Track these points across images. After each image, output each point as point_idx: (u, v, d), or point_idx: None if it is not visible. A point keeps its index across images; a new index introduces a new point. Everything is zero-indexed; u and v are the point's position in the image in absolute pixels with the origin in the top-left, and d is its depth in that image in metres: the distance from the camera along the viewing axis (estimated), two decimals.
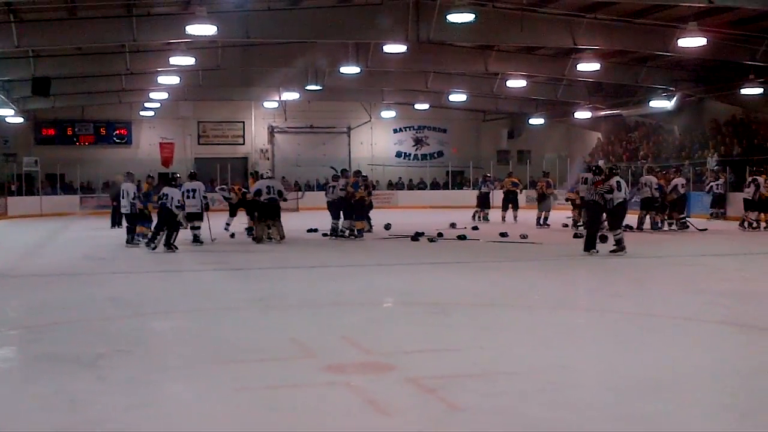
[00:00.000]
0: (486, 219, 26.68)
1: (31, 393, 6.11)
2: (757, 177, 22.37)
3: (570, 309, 10.09)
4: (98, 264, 15.70)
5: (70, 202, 36.51)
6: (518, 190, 27.24)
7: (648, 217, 22.00)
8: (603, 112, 36.58)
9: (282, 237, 19.14)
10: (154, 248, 17.32)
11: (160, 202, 17.43)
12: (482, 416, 5.37)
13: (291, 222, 21.00)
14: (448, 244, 18.70)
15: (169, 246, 17.29)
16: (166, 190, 17.68)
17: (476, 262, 15.27)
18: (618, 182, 15.65)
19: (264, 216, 19.05)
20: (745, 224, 22.23)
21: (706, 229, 22.00)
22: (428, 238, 19.36)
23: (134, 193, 18.76)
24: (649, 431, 5.12)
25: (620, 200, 15.60)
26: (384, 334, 8.41)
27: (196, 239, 18.72)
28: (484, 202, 27.47)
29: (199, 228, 18.81)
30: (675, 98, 31.47)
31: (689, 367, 6.77)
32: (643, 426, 5.21)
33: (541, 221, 23.97)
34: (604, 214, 16.15)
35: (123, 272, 14.26)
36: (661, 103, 31.81)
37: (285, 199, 19.67)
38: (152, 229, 18.25)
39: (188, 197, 18.29)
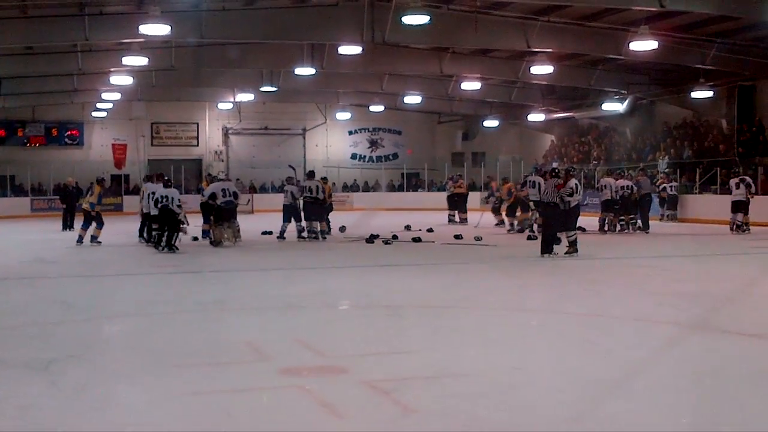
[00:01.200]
0: (465, 221, 26.56)
1: None
2: (746, 177, 22.17)
3: (523, 311, 10.18)
4: (49, 267, 15.51)
5: (20, 205, 35.97)
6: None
7: (606, 219, 22.22)
8: (556, 115, 37.00)
9: (238, 239, 19.06)
10: (163, 249, 17.37)
11: (160, 204, 17.45)
12: (435, 418, 5.41)
13: (245, 224, 20.88)
14: (403, 246, 18.75)
15: (171, 247, 17.36)
16: (165, 191, 17.77)
17: (431, 264, 15.33)
18: (576, 184, 15.84)
19: (221, 219, 18.94)
20: (734, 227, 21.55)
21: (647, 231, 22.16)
22: (383, 241, 19.39)
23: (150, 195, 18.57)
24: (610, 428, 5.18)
25: (576, 202, 15.84)
26: (338, 336, 8.43)
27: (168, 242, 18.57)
28: (454, 204, 27.45)
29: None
30: (627, 101, 31.96)
31: (642, 368, 6.85)
32: (596, 426, 5.27)
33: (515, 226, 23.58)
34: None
35: (75, 275, 14.10)
36: (613, 106, 32.25)
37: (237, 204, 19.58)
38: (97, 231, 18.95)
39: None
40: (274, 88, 33.09)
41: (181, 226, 17.87)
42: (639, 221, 22.46)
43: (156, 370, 6.86)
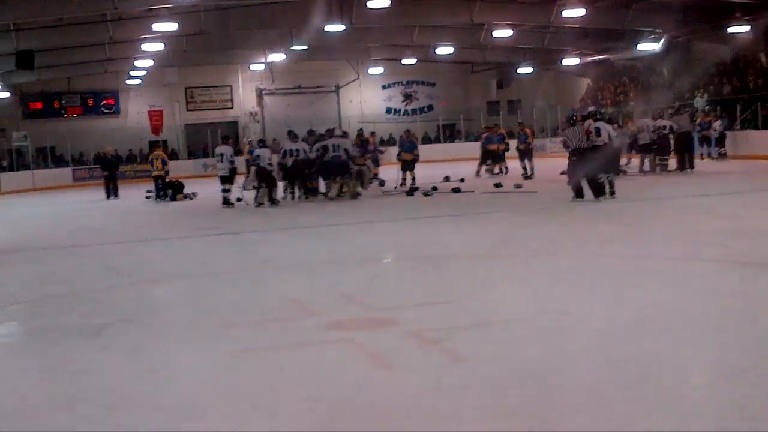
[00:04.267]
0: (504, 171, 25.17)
1: (37, 365, 6.15)
2: None
3: (567, 256, 10.12)
4: (95, 234, 15.72)
5: (62, 175, 36.45)
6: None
7: (647, 160, 21.97)
8: (591, 58, 36.49)
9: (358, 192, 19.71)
10: (259, 205, 18.59)
11: (254, 163, 18.86)
12: (484, 364, 5.42)
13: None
14: (443, 197, 18.73)
15: (273, 201, 18.69)
16: (257, 151, 19.09)
17: (471, 215, 15.30)
18: (598, 128, 15.56)
19: (329, 174, 19.46)
20: None
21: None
22: (423, 193, 19.38)
23: (230, 156, 19.71)
24: (648, 373, 5.17)
25: (603, 143, 15.54)
26: (383, 289, 8.47)
27: (226, 201, 19.38)
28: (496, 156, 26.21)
29: (229, 191, 19.47)
30: (662, 40, 31.37)
31: (687, 307, 6.81)
32: (644, 367, 5.26)
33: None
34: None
35: (119, 242, 14.28)
36: (648, 46, 31.71)
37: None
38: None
39: (219, 161, 19.77)
40: (304, 47, 32.96)
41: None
42: (674, 161, 22.14)
43: (205, 330, 6.95)
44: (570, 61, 36.73)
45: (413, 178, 21.54)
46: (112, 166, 25.22)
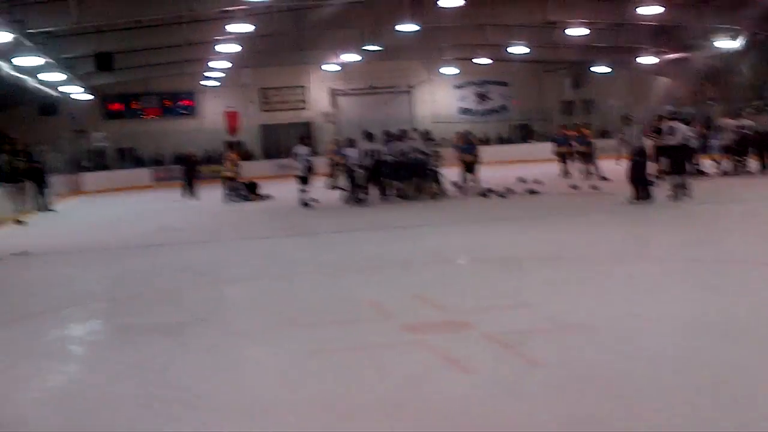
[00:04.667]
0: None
1: (120, 361, 6.30)
2: None
3: (642, 258, 9.99)
4: (173, 235, 16.00)
5: (141, 175, 37.17)
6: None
7: (727, 161, 21.49)
8: (668, 56, 35.78)
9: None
10: (351, 203, 18.99)
11: (344, 162, 19.34)
12: (560, 370, 5.38)
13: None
14: (518, 199, 18.60)
15: (359, 200, 19.03)
16: (345, 151, 19.43)
17: (547, 216, 15.16)
18: (669, 127, 15.55)
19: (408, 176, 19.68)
20: None
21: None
22: (497, 194, 19.28)
23: (306, 156, 19.94)
24: (725, 378, 5.06)
25: (675, 143, 15.49)
26: (458, 291, 8.45)
27: (303, 202, 19.62)
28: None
29: (305, 191, 19.74)
30: (742, 38, 30.62)
31: (765, 312, 6.66)
32: (722, 374, 5.15)
33: None
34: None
35: (198, 242, 14.52)
36: (727, 44, 30.99)
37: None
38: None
39: (296, 161, 20.00)
40: (377, 47, 33.05)
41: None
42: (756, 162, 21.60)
43: (281, 330, 7.04)
44: (646, 60, 36.11)
45: (473, 181, 21.45)
46: (192, 167, 25.51)
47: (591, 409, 4.67)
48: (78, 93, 34.18)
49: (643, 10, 26.15)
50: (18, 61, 23.05)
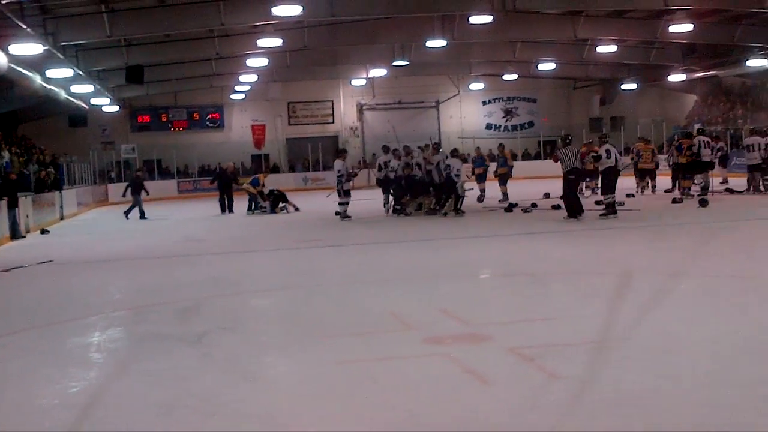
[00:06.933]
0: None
1: (141, 370, 6.30)
2: None
3: (669, 274, 9.85)
4: (198, 245, 16.05)
5: (167, 187, 37.37)
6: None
7: (754, 178, 21.34)
8: (698, 74, 35.56)
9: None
10: (445, 214, 18.54)
11: (445, 172, 18.63)
12: (581, 384, 5.31)
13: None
14: (543, 214, 18.51)
15: (457, 211, 18.46)
16: (448, 161, 18.76)
17: (571, 231, 15.05)
18: (607, 150, 16.54)
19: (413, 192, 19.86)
20: None
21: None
22: (522, 209, 19.20)
23: (339, 170, 19.49)
24: (755, 398, 4.97)
25: (607, 166, 16.46)
26: (481, 305, 8.41)
27: (341, 214, 19.46)
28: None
29: (340, 204, 19.52)
30: None
31: None
32: (750, 393, 5.07)
33: None
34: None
35: (221, 253, 14.54)
36: (759, 62, 30.76)
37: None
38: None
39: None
40: (405, 62, 33.10)
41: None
42: None
43: (303, 341, 7.01)
44: (676, 77, 35.89)
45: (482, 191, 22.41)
46: (228, 181, 25.26)
47: (609, 423, 4.60)
48: (107, 105, 34.47)
49: (674, 28, 26.01)
50: (50, 73, 23.28)
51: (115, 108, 36.13)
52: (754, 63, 30.92)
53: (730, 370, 5.51)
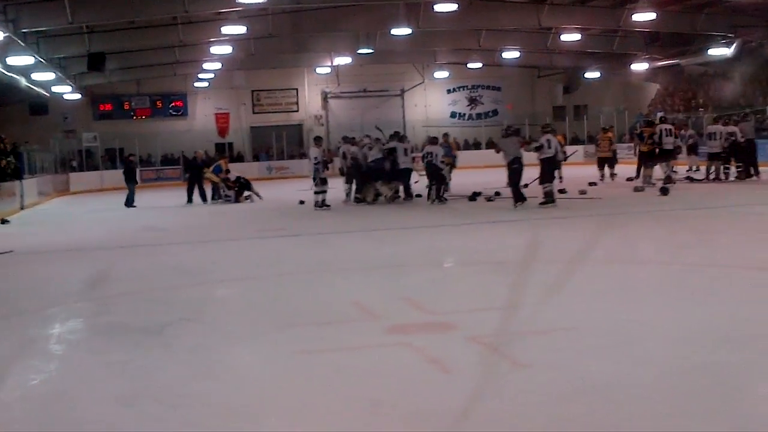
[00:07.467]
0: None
1: (101, 362, 6.24)
2: None
3: (633, 263, 9.96)
4: (160, 235, 15.93)
5: None
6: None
7: (713, 167, 21.58)
8: (661, 63, 35.85)
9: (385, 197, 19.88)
10: (432, 202, 18.61)
11: (426, 160, 18.66)
12: (545, 372, 5.33)
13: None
14: (506, 202, 18.56)
15: (440, 198, 18.56)
16: (429, 148, 18.88)
17: (534, 220, 15.14)
18: (548, 140, 16.90)
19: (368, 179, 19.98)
20: None
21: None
22: (486, 197, 19.26)
23: (314, 158, 19.25)
24: (717, 384, 5.03)
25: (547, 156, 16.84)
26: (444, 294, 8.42)
27: (316, 203, 19.20)
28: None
29: (316, 193, 19.20)
30: (735, 45, 30.67)
31: (757, 318, 6.63)
32: (712, 379, 5.12)
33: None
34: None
35: (184, 242, 14.45)
36: (720, 51, 31.06)
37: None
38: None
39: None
40: (370, 50, 33.04)
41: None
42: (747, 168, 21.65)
43: (266, 331, 6.98)
44: (639, 66, 36.15)
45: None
46: (197, 170, 24.83)
47: (575, 413, 4.63)
48: (69, 93, 34.07)
49: (637, 17, 26.18)
50: (10, 60, 22.96)
51: (77, 96, 35.71)
52: (716, 52, 31.20)
53: (696, 357, 5.56)
